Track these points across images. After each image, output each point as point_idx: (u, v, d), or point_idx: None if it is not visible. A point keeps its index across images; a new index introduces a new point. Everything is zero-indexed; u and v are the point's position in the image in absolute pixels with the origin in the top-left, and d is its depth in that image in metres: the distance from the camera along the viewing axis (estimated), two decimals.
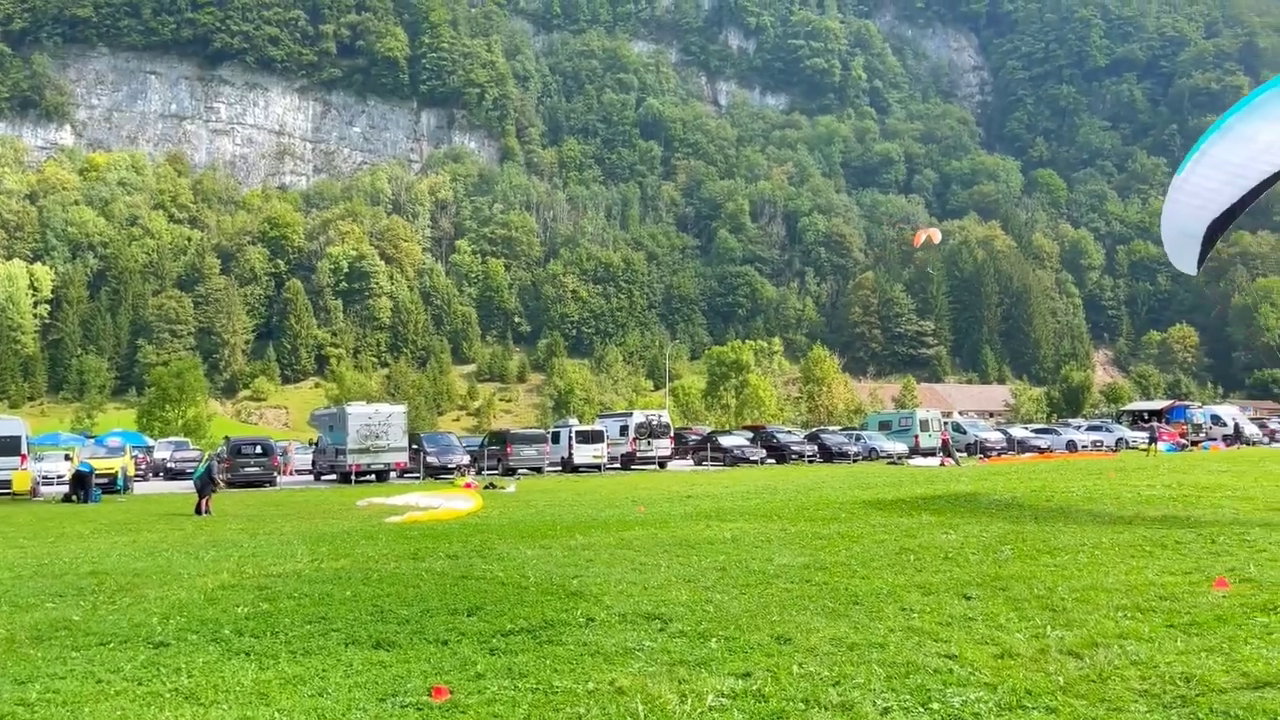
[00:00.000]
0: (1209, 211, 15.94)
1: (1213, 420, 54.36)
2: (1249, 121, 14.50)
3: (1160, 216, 17.77)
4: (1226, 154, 14.87)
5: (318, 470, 41.32)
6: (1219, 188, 15.42)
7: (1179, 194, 16.21)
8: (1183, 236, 16.96)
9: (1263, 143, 14.50)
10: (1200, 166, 15.42)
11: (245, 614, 9.51)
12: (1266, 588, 9.26)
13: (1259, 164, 14.89)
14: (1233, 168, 15.03)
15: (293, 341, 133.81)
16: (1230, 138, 14.81)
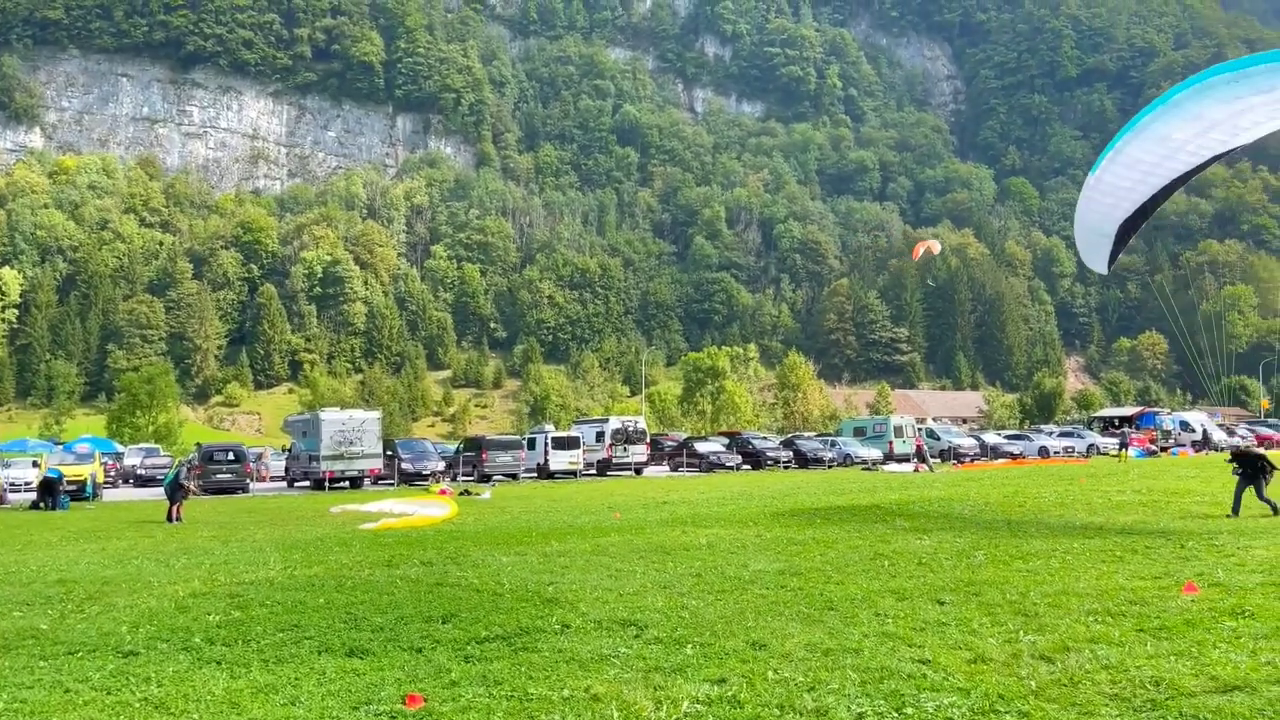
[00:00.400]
0: (1121, 210, 15.95)
1: (1181, 426, 55.00)
2: (1164, 121, 14.49)
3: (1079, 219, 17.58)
4: (1140, 153, 14.87)
5: (291, 477, 40.97)
6: (1131, 186, 15.45)
7: (1093, 192, 16.14)
8: (1095, 235, 16.93)
9: (1175, 142, 14.53)
10: (1114, 165, 15.39)
11: (216, 622, 9.42)
12: (1234, 592, 9.39)
13: (1171, 163, 14.94)
14: (1145, 166, 15.05)
15: (266, 347, 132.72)
16: (1144, 137, 14.79)
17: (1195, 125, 14.18)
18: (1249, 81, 13.37)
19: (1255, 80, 13.29)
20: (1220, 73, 13.87)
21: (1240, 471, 16.61)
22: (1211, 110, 13.93)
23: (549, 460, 41.55)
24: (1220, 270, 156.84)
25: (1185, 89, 14.25)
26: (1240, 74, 13.48)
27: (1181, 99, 14.16)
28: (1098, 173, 15.67)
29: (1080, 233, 17.49)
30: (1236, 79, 13.49)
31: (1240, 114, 13.97)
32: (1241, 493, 16.32)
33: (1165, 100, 14.52)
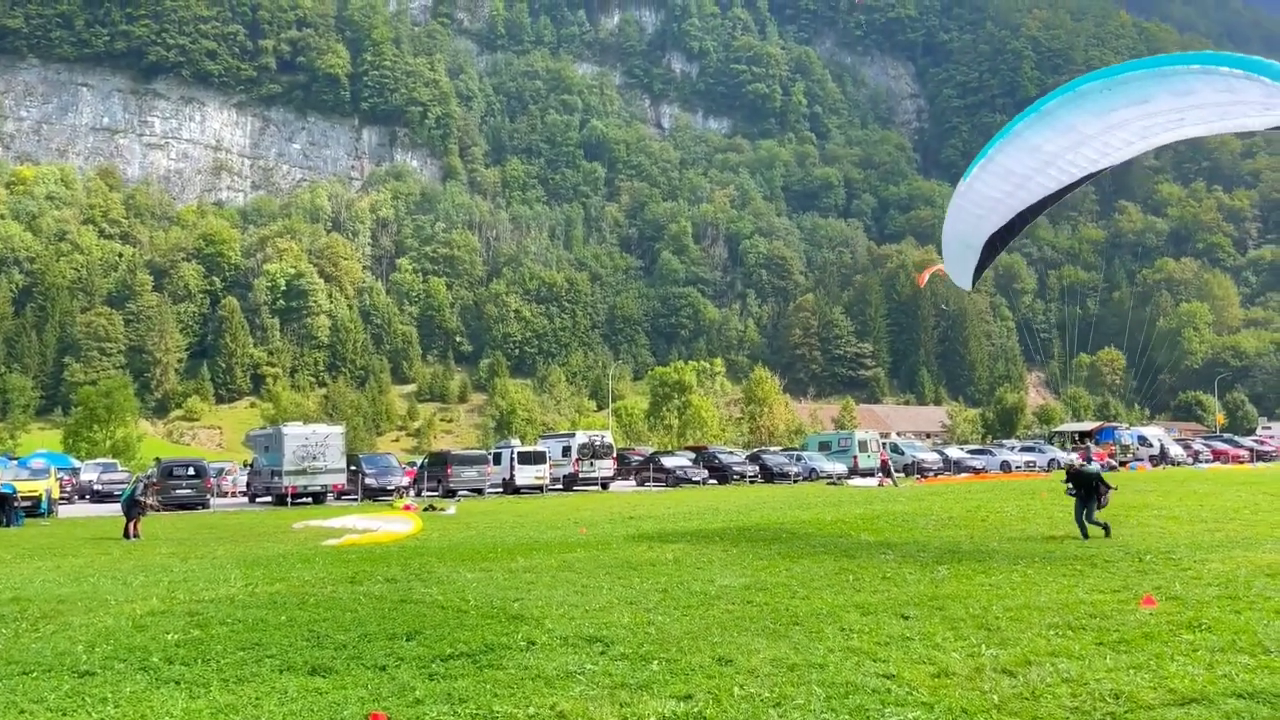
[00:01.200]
0: (990, 223, 15.10)
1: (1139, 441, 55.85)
2: (1036, 130, 13.71)
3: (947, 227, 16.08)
4: (1012, 163, 14.07)
5: (253, 492, 40.43)
6: (1002, 198, 14.61)
7: (964, 201, 15.11)
8: (962, 247, 15.96)
9: (1047, 154, 13.77)
10: (985, 174, 14.50)
11: (175, 641, 9.26)
12: (1191, 606, 9.54)
13: (1042, 177, 14.21)
14: (1016, 179, 14.26)
15: (228, 360, 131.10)
16: (1016, 145, 13.98)
17: (1067, 137, 13.51)
18: (1122, 90, 12.72)
19: (1129, 89, 12.63)
20: (1094, 79, 13.24)
21: (1075, 491, 15.98)
22: (1084, 122, 13.25)
23: (515, 475, 41.33)
24: (1176, 287, 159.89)
25: (1058, 96, 13.49)
26: (1114, 81, 12.81)
27: (1054, 107, 13.43)
28: (969, 180, 14.72)
29: (947, 242, 16.30)
30: (1110, 86, 12.82)
31: (1112, 129, 13.33)
32: (1083, 513, 15.82)
33: (1039, 107, 13.73)
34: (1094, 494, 15.68)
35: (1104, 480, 15.87)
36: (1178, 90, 12.07)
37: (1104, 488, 15.77)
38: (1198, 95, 12.03)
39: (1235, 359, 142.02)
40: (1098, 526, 15.60)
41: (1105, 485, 15.82)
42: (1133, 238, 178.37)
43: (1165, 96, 12.25)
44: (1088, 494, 15.70)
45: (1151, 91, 12.32)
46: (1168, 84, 12.08)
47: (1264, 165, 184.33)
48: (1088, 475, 15.91)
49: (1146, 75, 12.30)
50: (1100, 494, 15.74)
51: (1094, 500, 15.67)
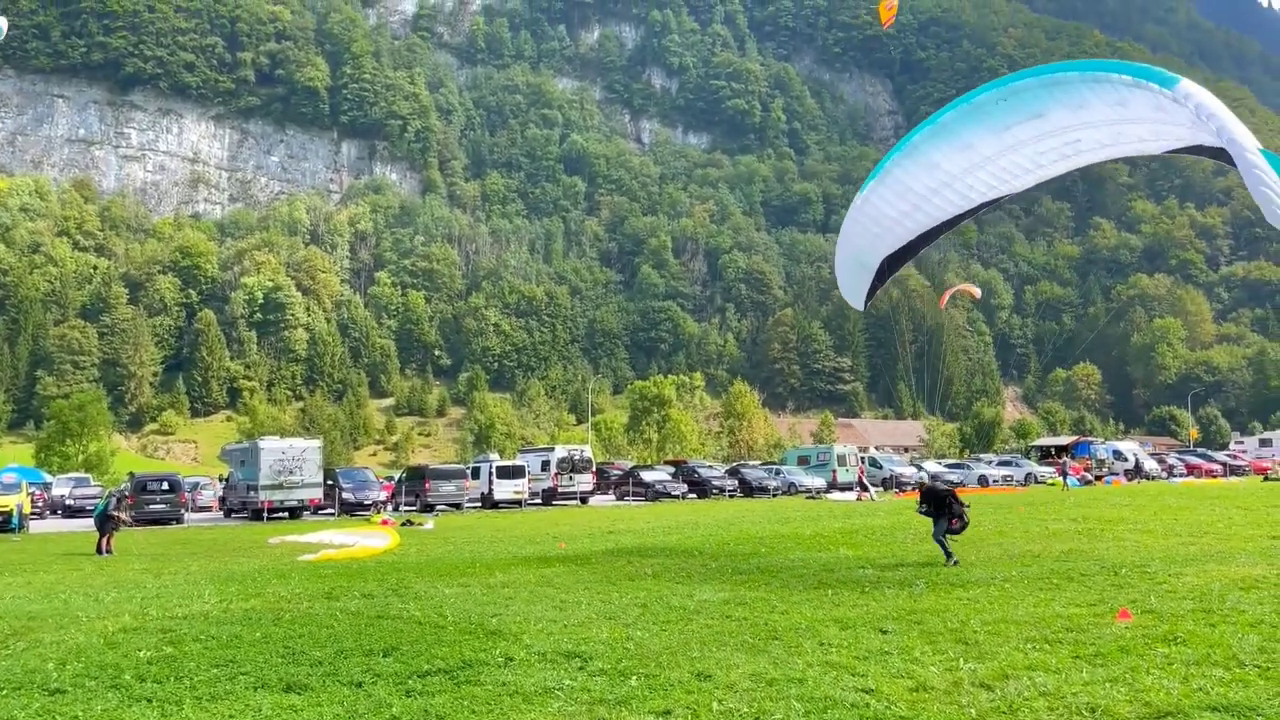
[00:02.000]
0: (886, 244, 14.17)
1: (1115, 455, 56.33)
2: (933, 145, 12.89)
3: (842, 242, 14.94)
4: (909, 179, 13.22)
5: (228, 507, 40.05)
6: (899, 217, 13.70)
7: (860, 215, 14.07)
8: (857, 265, 14.91)
9: (945, 173, 12.99)
10: (882, 189, 13.57)
11: (147, 658, 9.15)
12: (1167, 619, 9.62)
13: (940, 200, 13.42)
14: (914, 197, 13.37)
15: (204, 374, 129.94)
16: (913, 160, 13.11)
17: (966, 156, 12.77)
18: (1017, 102, 12.04)
19: (1023, 100, 11.98)
20: (989, 89, 12.51)
21: (926, 511, 15.26)
22: (982, 140, 12.52)
23: (493, 490, 41.18)
24: (1150, 303, 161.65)
25: (955, 108, 12.70)
26: (1007, 91, 12.11)
27: (950, 120, 12.67)
28: (866, 194, 13.84)
29: (842, 258, 15.15)
30: (1004, 97, 12.10)
31: (1009, 151, 12.60)
32: (941, 535, 15.05)
33: (936, 119, 12.95)
34: (944, 513, 14.87)
35: (957, 498, 15.12)
36: (1071, 103, 11.70)
37: (957, 506, 14.94)
38: (1090, 109, 11.73)
39: (1208, 374, 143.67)
40: (943, 548, 14.84)
41: (959, 503, 15.00)
42: (1107, 254, 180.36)
43: (1059, 111, 11.85)
44: (939, 513, 14.90)
45: (1045, 105, 11.86)
46: (1061, 95, 11.67)
47: (1235, 183, 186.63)
48: (939, 493, 15.21)
49: (1038, 85, 11.84)
50: (953, 513, 14.87)
51: (944, 520, 14.86)
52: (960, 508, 14.90)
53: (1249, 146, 10.22)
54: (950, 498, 14.91)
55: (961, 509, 14.90)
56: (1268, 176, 9.87)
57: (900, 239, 13.96)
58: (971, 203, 13.61)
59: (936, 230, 14.02)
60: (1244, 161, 10.07)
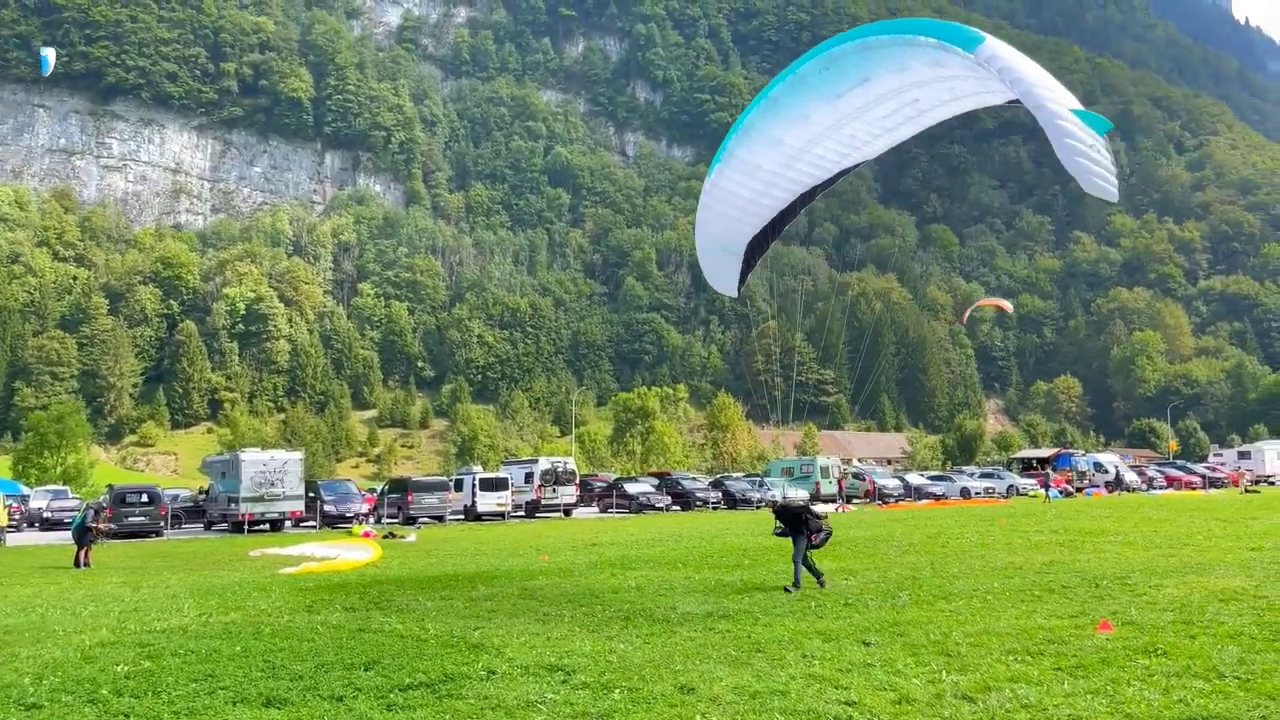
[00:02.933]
0: (749, 225, 13.44)
1: (1095, 467, 56.66)
2: (769, 120, 12.28)
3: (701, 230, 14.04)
4: (756, 158, 12.62)
5: (208, 519, 39.73)
6: (755, 197, 13.04)
7: (712, 200, 13.36)
8: (722, 252, 14.07)
9: (792, 147, 12.41)
10: (730, 170, 12.89)
11: (125, 673, 9.05)
12: (1147, 631, 9.67)
13: (793, 173, 12.83)
14: (766, 174, 12.75)
15: (184, 385, 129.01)
16: (755, 138, 12.53)
17: (805, 128, 12.14)
18: (840, 69, 11.39)
19: (846, 67, 11.31)
20: (809, 59, 11.84)
21: (783, 531, 14.19)
22: (817, 111, 11.88)
23: (476, 502, 40.99)
24: (1129, 317, 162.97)
25: (781, 81, 12.06)
26: (827, 58, 11.46)
27: (779, 94, 12.05)
28: (714, 177, 13.11)
29: (705, 247, 14.20)
30: (826, 65, 11.46)
31: (849, 119, 11.93)
32: (800, 557, 13.93)
33: (766, 94, 12.26)
34: (802, 531, 13.84)
35: (812, 513, 14.15)
36: (893, 66, 11.09)
37: (814, 520, 13.95)
38: (914, 71, 11.10)
39: (1187, 387, 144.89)
40: (810, 573, 13.87)
41: (814, 516, 14.05)
42: (1087, 268, 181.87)
43: (885, 74, 11.24)
44: (795, 531, 13.92)
45: (869, 70, 11.23)
46: (881, 59, 11.07)
47: (1213, 198, 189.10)
48: (794, 511, 14.11)
49: (854, 50, 11.18)
50: (811, 530, 13.85)
51: (804, 538, 13.84)
52: (818, 521, 14.02)
53: (1059, 112, 9.35)
54: (806, 514, 14.03)
55: (819, 522, 14.03)
56: (1080, 143, 9.15)
57: (762, 218, 13.27)
58: (828, 172, 13.09)
59: (797, 204, 13.44)
60: (1053, 129, 9.26)
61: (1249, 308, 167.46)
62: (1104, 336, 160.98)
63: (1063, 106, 9.44)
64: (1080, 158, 9.19)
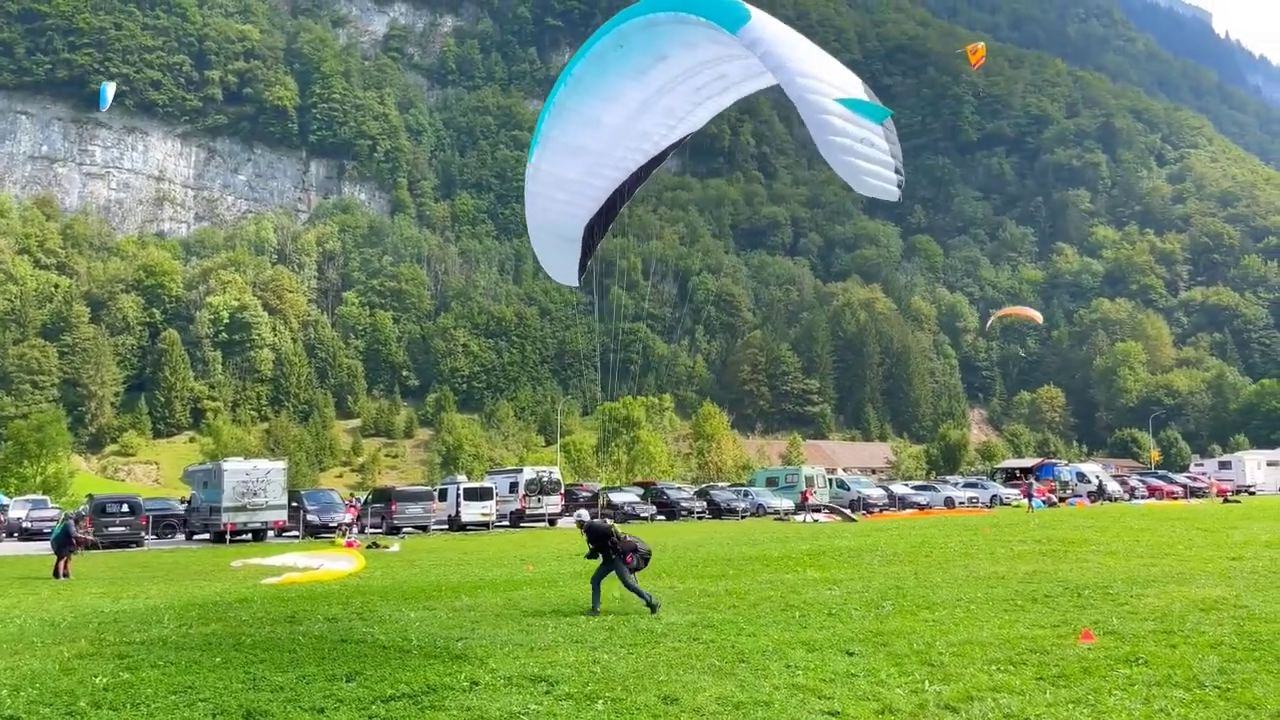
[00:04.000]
0: (583, 209, 12.57)
1: (1078, 477, 56.97)
2: (583, 100, 11.35)
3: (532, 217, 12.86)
4: (577, 139, 11.77)
5: (190, 530, 39.45)
6: (584, 178, 12.18)
7: (539, 186, 12.34)
8: (558, 239, 13.14)
9: (611, 126, 11.69)
10: (550, 153, 12.03)
11: (104, 685, 8.96)
12: (1128, 640, 9.71)
13: (622, 150, 12.06)
14: (591, 155, 11.91)
15: (167, 394, 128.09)
16: (571, 119, 11.65)
17: (622, 106, 11.41)
18: (634, 46, 10.68)
19: (639, 44, 10.60)
20: (601, 35, 10.98)
21: (592, 552, 13.23)
22: (627, 89, 11.16)
23: (461, 512, 40.86)
24: (1112, 327, 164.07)
25: (581, 59, 11.28)
26: (619, 35, 10.68)
27: (582, 73, 11.34)
28: (535, 160, 12.21)
29: (538, 234, 13.14)
30: (620, 42, 10.64)
31: (661, 94, 11.15)
32: (600, 581, 13.04)
33: (568, 73, 11.49)
34: (610, 552, 12.82)
35: (616, 533, 13.08)
36: (682, 43, 10.45)
37: (623, 541, 12.91)
38: (703, 49, 10.45)
39: (1168, 397, 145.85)
40: (638, 596, 12.67)
41: (620, 537, 13.01)
42: (1070, 278, 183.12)
43: (679, 51, 10.61)
44: (603, 553, 12.92)
45: (662, 47, 10.57)
46: (669, 37, 10.36)
47: (1194, 210, 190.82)
48: (600, 531, 13.06)
49: (641, 25, 10.43)
50: (621, 551, 12.79)
51: (617, 562, 12.76)
52: (630, 541, 12.95)
53: (820, 104, 8.40)
54: (612, 535, 12.93)
55: (633, 541, 12.97)
56: (846, 138, 8.26)
57: (596, 200, 12.34)
58: (657, 147, 12.32)
59: (630, 184, 12.64)
60: (814, 122, 8.33)
61: (1229, 319, 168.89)
62: (1086, 347, 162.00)
63: (828, 97, 8.48)
64: (847, 155, 8.29)
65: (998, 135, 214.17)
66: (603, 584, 13.13)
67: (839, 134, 8.32)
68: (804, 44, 9.32)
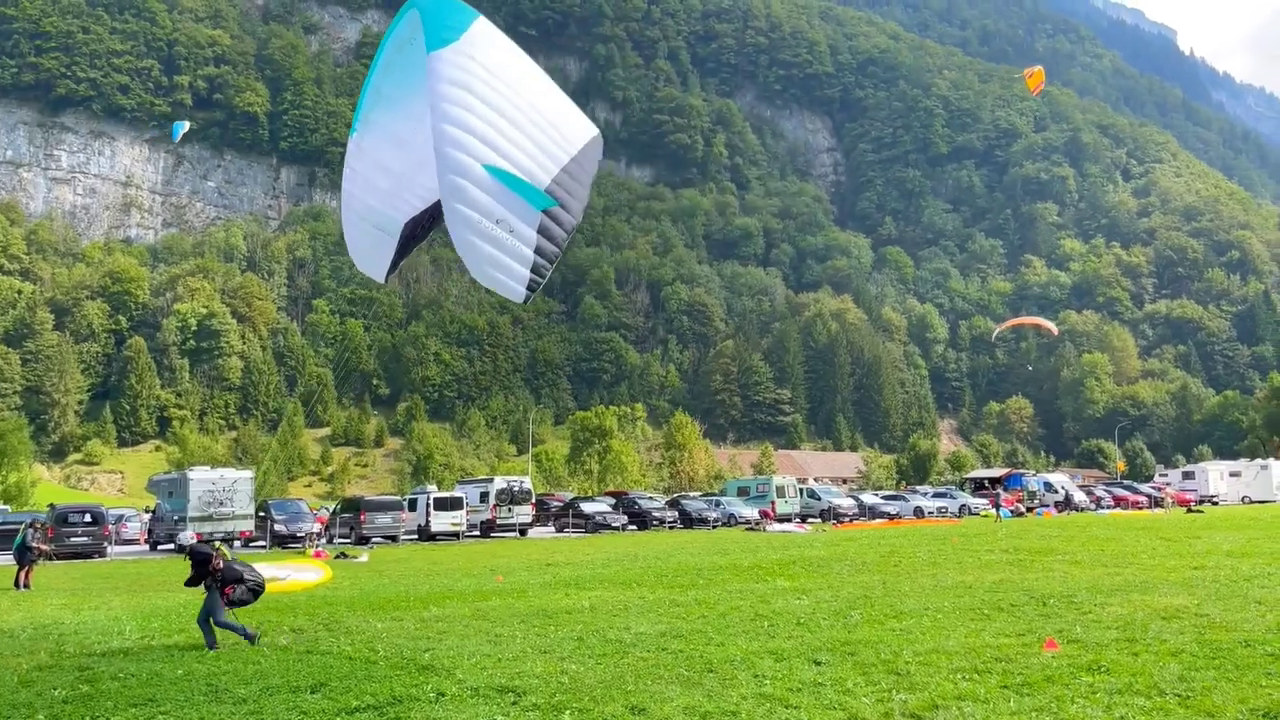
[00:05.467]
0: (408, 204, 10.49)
1: (1045, 487, 57.53)
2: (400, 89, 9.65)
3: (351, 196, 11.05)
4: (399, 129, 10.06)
5: (154, 540, 38.90)
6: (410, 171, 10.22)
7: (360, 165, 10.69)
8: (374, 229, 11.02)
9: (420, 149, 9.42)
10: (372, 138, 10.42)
11: (63, 697, 8.83)
12: (1091, 648, 9.81)
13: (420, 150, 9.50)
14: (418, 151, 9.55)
15: (132, 402, 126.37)
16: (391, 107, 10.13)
17: (410, 151, 9.77)
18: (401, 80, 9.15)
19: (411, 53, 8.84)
20: (374, 68, 9.75)
21: (193, 579, 11.86)
22: (411, 133, 9.48)
23: (430, 522, 40.59)
24: (1079, 339, 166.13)
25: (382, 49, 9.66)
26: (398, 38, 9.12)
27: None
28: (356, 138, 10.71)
29: (351, 218, 11.15)
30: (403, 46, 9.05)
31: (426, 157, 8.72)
32: (209, 620, 11.62)
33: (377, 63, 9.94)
34: (209, 581, 11.61)
35: (225, 560, 11.77)
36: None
37: (231, 569, 11.68)
38: None
39: (1134, 408, 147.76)
40: (232, 630, 11.63)
41: (228, 563, 11.77)
42: (1038, 290, 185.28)
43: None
44: (208, 581, 11.64)
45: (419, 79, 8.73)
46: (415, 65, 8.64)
47: (1159, 224, 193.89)
48: (200, 555, 11.69)
49: (399, 41, 9.05)
50: (225, 580, 11.57)
51: (212, 591, 11.59)
52: (238, 570, 11.76)
53: (461, 166, 7.19)
54: (215, 560, 11.63)
55: (239, 571, 11.73)
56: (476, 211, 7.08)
57: (424, 199, 10.19)
58: None
59: None
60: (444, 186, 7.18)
61: (1193, 331, 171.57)
62: (1054, 358, 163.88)
63: (476, 159, 7.23)
64: (468, 233, 7.03)
65: (967, 148, 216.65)
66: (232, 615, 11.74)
67: (470, 205, 7.16)
68: (498, 79, 7.73)
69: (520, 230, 7.31)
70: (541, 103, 8.24)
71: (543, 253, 7.63)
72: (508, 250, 7.30)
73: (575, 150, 8.07)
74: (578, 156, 8.10)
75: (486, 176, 7.17)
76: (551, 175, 7.70)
